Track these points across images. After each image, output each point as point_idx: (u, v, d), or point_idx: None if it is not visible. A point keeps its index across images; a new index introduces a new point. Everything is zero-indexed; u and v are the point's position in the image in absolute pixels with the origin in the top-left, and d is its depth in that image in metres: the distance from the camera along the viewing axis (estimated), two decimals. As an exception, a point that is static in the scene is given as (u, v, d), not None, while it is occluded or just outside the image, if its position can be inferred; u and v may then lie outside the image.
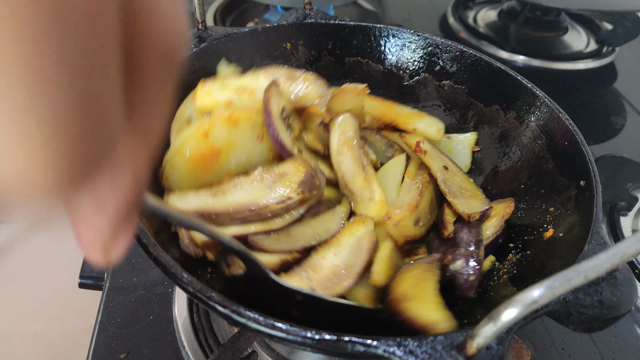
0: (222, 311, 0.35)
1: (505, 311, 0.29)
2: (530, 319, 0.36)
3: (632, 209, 0.83)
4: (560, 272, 0.30)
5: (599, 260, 0.30)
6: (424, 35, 0.70)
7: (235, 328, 0.63)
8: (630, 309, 0.38)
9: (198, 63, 0.63)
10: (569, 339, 0.65)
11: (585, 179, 0.51)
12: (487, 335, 0.30)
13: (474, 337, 0.31)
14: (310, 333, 0.33)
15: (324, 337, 0.33)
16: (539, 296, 0.29)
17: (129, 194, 0.20)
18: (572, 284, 0.30)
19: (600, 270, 0.30)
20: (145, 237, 0.39)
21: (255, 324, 0.34)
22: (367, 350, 0.33)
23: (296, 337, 0.34)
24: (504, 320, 0.29)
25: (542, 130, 0.59)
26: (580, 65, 1.23)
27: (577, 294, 0.37)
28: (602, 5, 1.14)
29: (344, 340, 0.33)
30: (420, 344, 0.33)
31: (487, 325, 0.30)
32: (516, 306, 0.29)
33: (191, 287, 0.36)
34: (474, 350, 0.31)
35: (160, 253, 0.38)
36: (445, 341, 0.33)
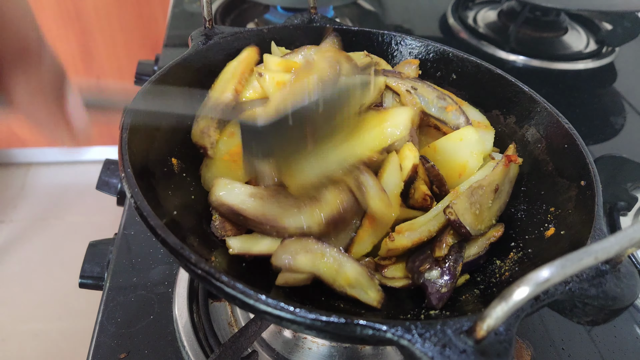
0: (231, 293, 0.35)
1: (518, 290, 0.29)
2: (538, 304, 0.36)
3: (631, 209, 0.83)
4: (571, 253, 0.30)
5: (609, 243, 0.31)
6: (427, 42, 0.71)
7: (236, 328, 0.63)
8: (633, 301, 0.38)
9: (204, 60, 0.63)
10: (568, 338, 0.65)
11: (585, 180, 0.51)
12: (499, 316, 0.30)
13: (484, 318, 0.31)
14: (318, 315, 0.33)
15: (332, 320, 0.33)
16: (551, 274, 0.29)
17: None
18: (582, 264, 0.30)
19: (610, 252, 0.30)
20: (154, 219, 0.39)
21: (264, 305, 0.34)
22: (375, 334, 0.33)
23: (304, 319, 0.33)
24: (516, 299, 0.29)
25: (542, 134, 0.60)
26: (580, 66, 1.23)
27: (582, 284, 0.37)
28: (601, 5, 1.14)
29: (353, 323, 0.33)
30: (429, 328, 0.33)
31: (498, 305, 0.30)
32: (528, 285, 0.29)
33: (200, 269, 0.36)
34: (484, 332, 0.31)
35: (168, 235, 0.38)
36: (455, 325, 0.33)
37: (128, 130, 0.47)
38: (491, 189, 0.54)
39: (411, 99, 0.62)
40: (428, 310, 0.47)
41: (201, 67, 0.63)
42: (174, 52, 1.18)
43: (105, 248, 0.75)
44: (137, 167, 0.45)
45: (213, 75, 0.64)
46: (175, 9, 1.36)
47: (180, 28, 1.28)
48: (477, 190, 0.53)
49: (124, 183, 0.42)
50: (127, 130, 0.47)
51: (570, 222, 0.50)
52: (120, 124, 0.48)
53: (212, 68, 0.64)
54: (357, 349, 0.60)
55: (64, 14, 1.85)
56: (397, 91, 0.63)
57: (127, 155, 0.44)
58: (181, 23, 1.30)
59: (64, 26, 1.88)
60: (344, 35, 0.73)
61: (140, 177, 0.45)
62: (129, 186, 0.42)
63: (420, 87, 0.64)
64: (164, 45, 1.22)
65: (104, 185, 0.94)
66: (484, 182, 0.54)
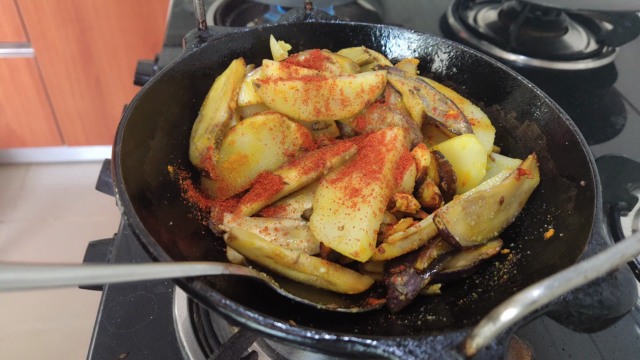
0: (222, 311, 0.35)
1: (505, 311, 0.29)
2: (529, 319, 0.36)
3: (632, 209, 0.83)
4: (560, 272, 0.30)
5: (599, 261, 0.30)
6: (425, 35, 0.70)
7: (236, 328, 0.63)
8: (630, 309, 0.38)
9: (198, 63, 0.63)
10: (569, 339, 0.65)
11: (585, 179, 0.51)
12: (487, 336, 0.30)
13: (473, 337, 0.31)
14: (310, 333, 0.33)
15: (323, 337, 0.33)
16: (539, 296, 0.29)
17: None
18: (571, 284, 0.29)
19: (600, 270, 0.30)
20: (145, 236, 0.39)
21: (255, 323, 0.34)
22: (366, 350, 0.33)
23: (296, 337, 0.34)
24: (504, 320, 0.29)
25: (543, 130, 0.59)
26: (581, 65, 1.23)
27: (577, 294, 0.37)
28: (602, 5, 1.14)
29: (343, 340, 0.33)
30: (419, 344, 0.33)
31: (486, 326, 0.30)
32: (516, 306, 0.29)
33: (191, 287, 0.36)
34: (474, 350, 0.31)
35: (160, 252, 0.38)
36: (445, 341, 0.33)
37: (121, 143, 0.46)
38: (495, 201, 0.53)
39: (414, 100, 0.62)
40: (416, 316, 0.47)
41: (196, 71, 0.62)
42: (173, 52, 1.18)
43: (105, 248, 0.75)
44: (131, 180, 0.45)
45: (208, 78, 0.63)
46: (175, 8, 1.36)
47: (180, 28, 1.28)
48: (477, 200, 0.52)
49: (117, 198, 0.42)
50: (120, 143, 0.46)
51: (570, 223, 0.49)
52: (114, 138, 0.47)
53: (207, 71, 0.64)
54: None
55: (64, 14, 1.85)
56: (400, 90, 0.63)
57: (120, 170, 0.44)
58: (181, 23, 1.30)
59: (64, 26, 1.88)
60: (341, 31, 0.73)
61: (135, 191, 0.44)
62: (122, 202, 0.41)
63: (423, 88, 0.63)
64: (163, 45, 1.22)
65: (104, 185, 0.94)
66: (488, 193, 0.53)
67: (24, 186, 2.28)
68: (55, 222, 2.12)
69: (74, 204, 2.20)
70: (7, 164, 2.36)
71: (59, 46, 1.93)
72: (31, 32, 1.88)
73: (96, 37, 1.93)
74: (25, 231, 2.07)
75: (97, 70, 2.03)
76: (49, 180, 2.31)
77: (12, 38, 1.89)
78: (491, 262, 0.53)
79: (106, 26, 1.91)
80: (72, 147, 2.28)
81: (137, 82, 1.22)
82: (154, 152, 0.53)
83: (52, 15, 1.85)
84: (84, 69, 2.01)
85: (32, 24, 1.86)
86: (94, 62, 2.00)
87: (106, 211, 2.10)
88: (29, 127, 2.15)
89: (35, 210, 2.17)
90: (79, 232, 2.06)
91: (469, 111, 0.65)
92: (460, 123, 0.61)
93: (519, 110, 0.63)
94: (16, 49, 1.92)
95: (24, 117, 2.12)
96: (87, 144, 2.26)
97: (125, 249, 0.71)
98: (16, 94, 2.03)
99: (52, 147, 2.27)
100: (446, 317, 0.49)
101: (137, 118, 0.50)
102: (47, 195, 2.24)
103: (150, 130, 0.53)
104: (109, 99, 2.12)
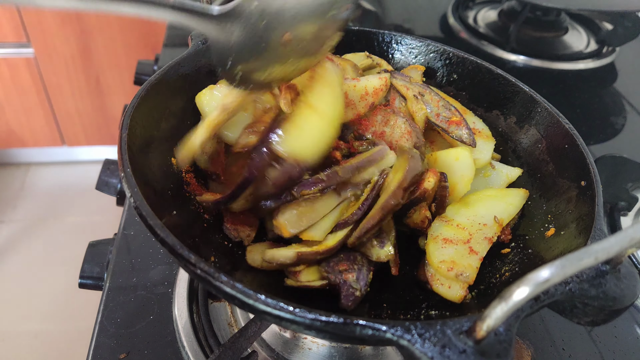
0: (231, 292, 0.34)
1: (517, 290, 0.29)
2: (538, 305, 0.35)
3: (632, 209, 0.83)
4: (571, 253, 0.30)
5: (609, 243, 0.31)
6: (427, 42, 0.71)
7: (236, 328, 0.63)
8: (633, 301, 0.38)
9: (204, 59, 0.63)
10: (569, 339, 0.65)
11: (585, 180, 0.51)
12: (499, 316, 0.30)
13: (484, 319, 0.31)
14: (318, 315, 0.33)
15: (332, 320, 0.33)
16: (550, 275, 0.29)
17: None
18: (582, 264, 0.29)
19: (610, 252, 0.30)
20: (153, 218, 0.39)
21: (263, 305, 0.34)
22: (375, 334, 0.33)
23: (304, 319, 0.33)
24: (516, 299, 0.29)
25: (542, 134, 0.60)
26: (581, 65, 1.23)
27: (582, 284, 0.37)
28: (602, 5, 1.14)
29: (352, 323, 0.33)
30: (428, 329, 0.33)
31: (498, 306, 0.29)
32: (528, 285, 0.28)
33: (199, 269, 0.36)
34: (484, 332, 0.31)
35: (167, 235, 0.38)
36: (454, 325, 0.33)
37: (128, 130, 0.47)
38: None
39: (418, 105, 0.62)
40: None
41: (201, 67, 0.62)
42: (173, 52, 1.18)
43: (105, 248, 0.75)
44: (136, 167, 0.45)
45: (213, 75, 0.63)
46: (175, 8, 1.36)
47: (180, 28, 1.28)
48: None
49: (123, 183, 0.42)
50: (126, 130, 0.47)
51: (571, 222, 0.50)
52: (120, 124, 0.48)
53: (212, 67, 0.64)
54: (357, 349, 0.60)
55: (64, 14, 1.85)
56: (405, 95, 0.63)
57: (127, 155, 0.44)
58: (181, 23, 1.30)
59: (64, 26, 1.88)
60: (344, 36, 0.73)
61: (140, 177, 0.45)
62: (129, 186, 0.41)
63: (427, 94, 0.63)
64: (163, 45, 1.22)
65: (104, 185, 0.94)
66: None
67: (23, 186, 2.28)
68: (55, 222, 2.12)
69: (74, 204, 2.20)
70: (7, 164, 2.36)
71: (59, 46, 1.93)
72: (31, 32, 1.88)
73: (96, 37, 1.93)
74: (25, 231, 2.07)
75: (97, 70, 2.03)
76: (49, 180, 2.31)
77: (12, 38, 1.89)
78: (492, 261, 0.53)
79: (106, 26, 1.91)
80: (72, 147, 2.28)
81: (137, 82, 1.22)
82: (158, 143, 0.53)
83: (52, 15, 1.85)
84: (84, 69, 2.01)
85: (32, 24, 1.86)
86: (94, 62, 2.00)
87: (106, 211, 2.10)
88: (29, 127, 2.15)
89: (35, 210, 2.17)
90: (79, 232, 2.06)
91: (470, 121, 0.65)
92: (462, 130, 0.61)
93: (519, 115, 0.64)
94: (16, 49, 1.92)
95: (24, 117, 2.12)
96: (87, 144, 2.26)
97: (126, 249, 0.71)
98: (16, 94, 2.03)
99: (52, 147, 2.27)
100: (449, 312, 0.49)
101: (144, 108, 0.51)
102: (47, 195, 2.24)
103: (156, 121, 0.54)
104: (109, 99, 2.12)
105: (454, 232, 0.53)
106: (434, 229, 0.54)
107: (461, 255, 0.50)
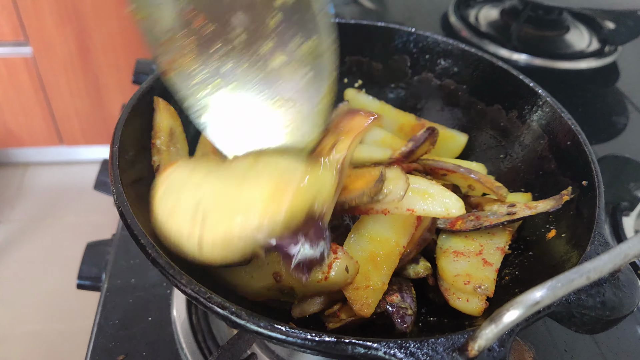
0: (222, 313, 0.34)
1: (507, 313, 0.29)
2: (532, 320, 0.35)
3: (634, 209, 0.83)
4: (562, 274, 0.30)
5: (601, 261, 0.31)
6: (426, 35, 0.70)
7: (235, 330, 0.62)
8: (632, 310, 0.38)
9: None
10: (571, 340, 0.64)
11: (587, 179, 0.50)
12: (489, 337, 0.30)
13: (475, 339, 0.31)
14: (310, 335, 0.33)
15: (323, 339, 0.33)
16: (541, 297, 0.29)
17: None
18: (574, 285, 0.30)
19: (603, 271, 0.30)
20: (144, 237, 0.39)
21: (254, 325, 0.34)
22: (367, 352, 0.33)
23: (296, 339, 0.33)
24: (506, 321, 0.29)
25: (544, 130, 0.59)
26: (583, 65, 1.22)
27: (579, 295, 0.37)
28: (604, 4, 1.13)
29: (344, 342, 0.33)
30: (421, 346, 0.33)
31: (488, 327, 0.30)
32: (518, 308, 0.29)
33: (190, 289, 0.36)
34: (475, 352, 0.31)
35: (158, 254, 0.38)
36: (447, 343, 0.33)
37: (119, 143, 0.46)
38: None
39: None
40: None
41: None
42: (172, 51, 1.17)
43: (103, 249, 0.74)
44: (128, 181, 0.44)
45: None
46: (174, 7, 1.35)
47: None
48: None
49: (114, 198, 0.42)
50: (117, 143, 0.46)
51: (572, 224, 0.49)
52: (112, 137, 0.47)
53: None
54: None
55: (63, 13, 1.84)
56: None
57: (118, 170, 0.44)
58: (180, 21, 1.29)
59: (62, 24, 1.87)
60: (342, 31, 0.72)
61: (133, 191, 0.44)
62: (119, 203, 0.41)
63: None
64: (162, 43, 1.21)
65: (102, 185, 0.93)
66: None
67: (22, 186, 2.27)
68: (53, 222, 2.12)
69: (72, 204, 2.19)
70: (5, 163, 2.35)
71: (57, 45, 1.92)
72: (29, 31, 1.87)
73: (95, 36, 1.93)
74: (23, 231, 2.07)
75: (96, 70, 2.02)
76: (47, 180, 2.31)
77: (10, 37, 1.88)
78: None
79: (105, 25, 1.91)
80: (71, 146, 2.28)
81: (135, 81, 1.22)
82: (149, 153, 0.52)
83: (50, 14, 1.84)
84: (82, 68, 2.00)
85: (31, 23, 1.85)
86: (92, 61, 1.99)
87: (104, 211, 2.10)
88: (27, 126, 2.15)
89: (33, 210, 2.16)
90: (77, 232, 2.06)
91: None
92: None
93: (520, 109, 0.63)
94: (14, 48, 1.91)
95: (22, 117, 2.11)
96: (86, 144, 2.25)
97: (124, 250, 0.71)
98: (14, 93, 2.03)
99: (51, 146, 2.26)
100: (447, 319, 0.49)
101: (135, 118, 0.50)
102: (45, 195, 2.23)
103: (149, 130, 0.53)
104: (108, 98, 2.11)
105: (464, 244, 0.51)
106: (442, 242, 0.52)
107: (475, 267, 0.49)
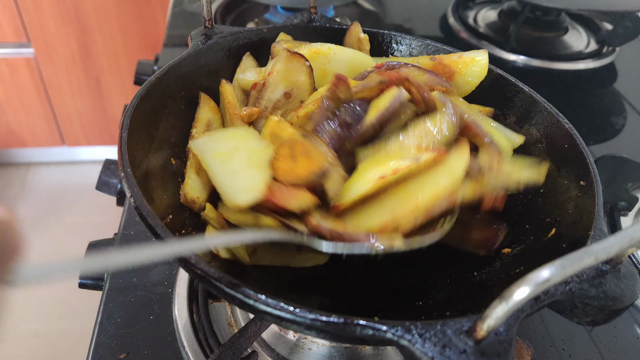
0: (231, 293, 0.35)
1: (518, 290, 0.29)
2: (538, 305, 0.36)
3: (632, 209, 0.83)
4: (571, 253, 0.30)
5: (609, 243, 0.31)
6: (427, 42, 0.71)
7: (236, 328, 0.63)
8: (633, 301, 0.38)
9: (203, 59, 0.63)
10: (569, 339, 0.65)
11: (585, 180, 0.51)
12: (499, 316, 0.30)
13: (484, 319, 0.31)
14: (318, 315, 0.33)
15: (332, 320, 0.33)
16: (551, 275, 0.29)
17: None
18: (582, 264, 0.30)
19: (610, 252, 0.31)
20: (153, 219, 0.39)
21: (263, 305, 0.34)
22: (375, 334, 0.33)
23: (304, 319, 0.33)
24: (516, 299, 0.29)
25: (542, 134, 0.60)
26: (581, 65, 1.23)
27: (582, 284, 0.38)
28: (602, 5, 1.14)
29: (352, 323, 0.33)
30: (429, 329, 0.33)
31: (499, 306, 0.30)
32: (528, 285, 0.29)
33: (200, 269, 0.36)
34: (484, 332, 0.31)
35: (167, 235, 0.38)
36: (455, 325, 0.33)
37: (128, 130, 0.47)
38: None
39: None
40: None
41: (202, 66, 0.63)
42: (173, 52, 1.18)
43: (105, 248, 0.75)
44: (136, 167, 0.45)
45: (213, 75, 0.63)
46: (175, 8, 1.36)
47: (180, 28, 1.28)
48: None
49: (123, 183, 0.42)
50: (126, 130, 0.47)
51: (571, 222, 0.50)
52: (120, 124, 0.48)
53: (212, 67, 0.64)
54: (357, 349, 0.60)
55: (64, 14, 1.85)
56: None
57: (127, 155, 0.44)
58: (181, 23, 1.30)
59: (64, 26, 1.88)
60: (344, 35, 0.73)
61: (140, 177, 0.45)
62: (129, 186, 0.42)
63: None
64: (163, 45, 1.22)
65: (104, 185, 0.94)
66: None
67: (24, 186, 2.28)
68: (55, 222, 2.12)
69: (74, 204, 2.20)
70: (7, 164, 2.36)
71: (59, 46, 1.93)
72: (31, 32, 1.88)
73: (96, 37, 1.93)
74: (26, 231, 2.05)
75: (97, 70, 2.03)
76: (49, 180, 2.31)
77: (12, 38, 1.89)
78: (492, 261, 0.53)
79: (106, 26, 1.91)
80: (72, 147, 2.28)
81: (137, 82, 1.22)
82: (158, 143, 0.53)
83: (52, 15, 1.85)
84: (83, 69, 2.01)
85: (32, 24, 1.86)
86: (93, 62, 2.00)
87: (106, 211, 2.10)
88: (29, 127, 2.15)
89: (36, 210, 2.17)
90: (79, 232, 2.06)
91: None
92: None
93: (519, 115, 0.64)
94: (16, 49, 1.92)
95: (24, 117, 2.12)
96: (87, 144, 2.26)
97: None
98: (16, 94, 2.03)
99: (52, 147, 2.27)
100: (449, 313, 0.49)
101: (143, 109, 0.51)
102: (47, 195, 2.24)
103: (155, 121, 0.54)
104: (109, 99, 2.12)
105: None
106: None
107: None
